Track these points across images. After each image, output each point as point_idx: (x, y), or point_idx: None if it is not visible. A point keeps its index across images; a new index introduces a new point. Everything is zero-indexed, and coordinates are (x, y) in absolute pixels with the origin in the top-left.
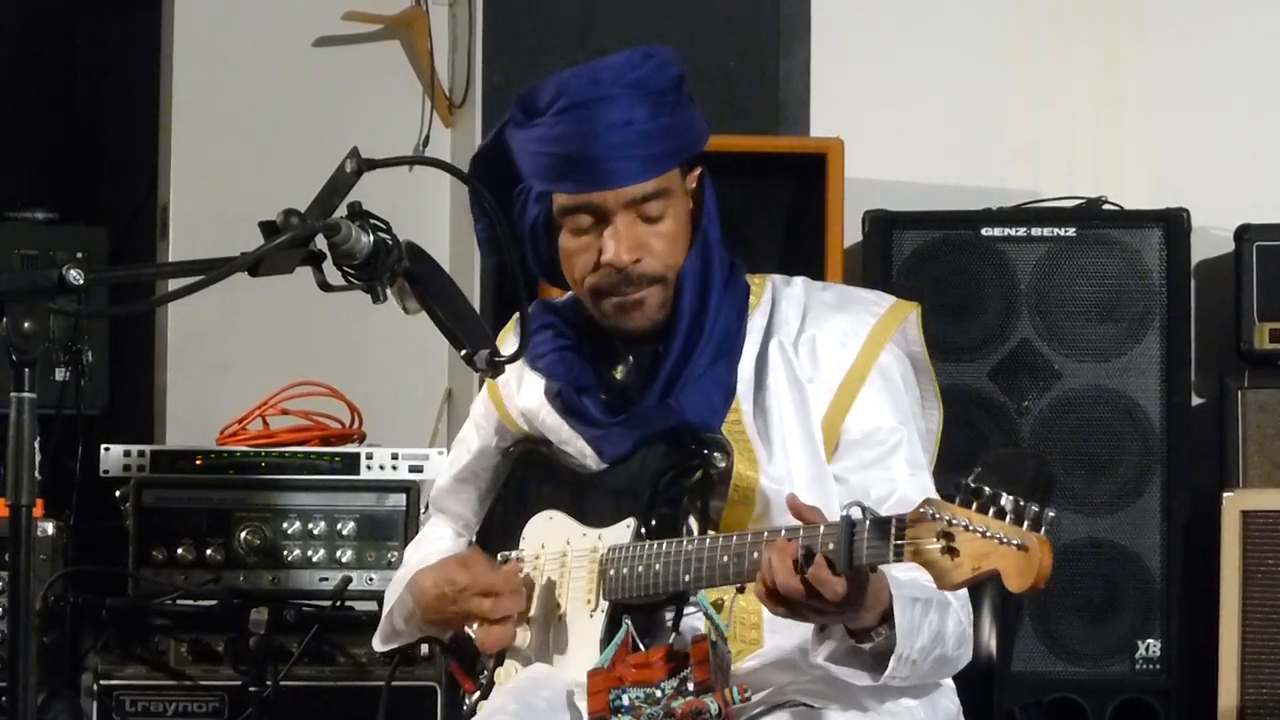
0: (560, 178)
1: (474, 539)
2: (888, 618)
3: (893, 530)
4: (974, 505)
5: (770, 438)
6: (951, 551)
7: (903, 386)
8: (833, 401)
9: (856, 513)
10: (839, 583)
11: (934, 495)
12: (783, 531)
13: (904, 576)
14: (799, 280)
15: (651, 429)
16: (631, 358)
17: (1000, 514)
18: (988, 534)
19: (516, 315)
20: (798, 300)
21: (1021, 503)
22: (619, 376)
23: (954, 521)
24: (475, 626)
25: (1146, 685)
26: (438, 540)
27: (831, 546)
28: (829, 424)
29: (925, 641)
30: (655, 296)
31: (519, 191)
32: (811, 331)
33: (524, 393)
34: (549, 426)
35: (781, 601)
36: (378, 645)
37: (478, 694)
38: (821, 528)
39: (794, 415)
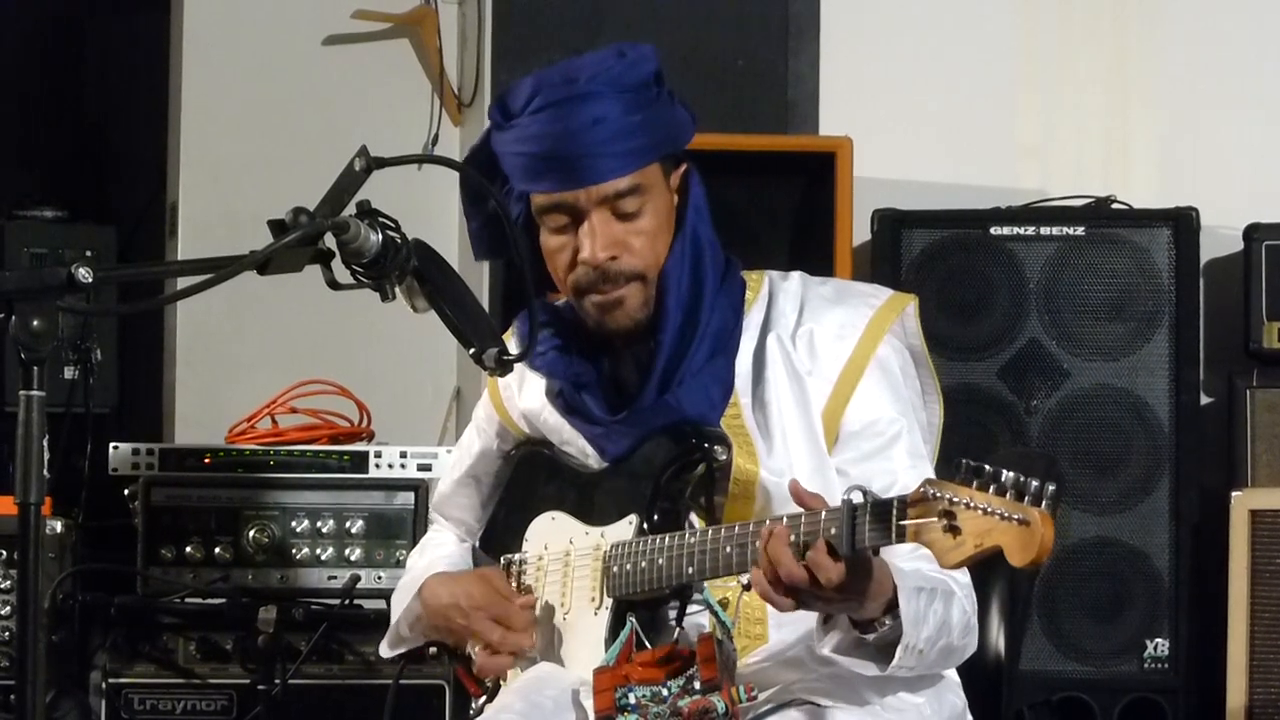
0: (536, 178)
1: (478, 544)
2: (892, 608)
3: (894, 511)
4: (975, 483)
5: (770, 431)
6: (953, 530)
7: (901, 378)
8: (832, 393)
9: (858, 496)
10: (836, 568)
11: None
12: (784, 519)
13: (908, 567)
14: (796, 275)
15: (651, 426)
16: (629, 355)
17: (1001, 491)
18: (989, 510)
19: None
20: (795, 294)
21: (1023, 479)
22: (617, 374)
23: (955, 500)
24: (477, 648)
25: (1155, 684)
26: (441, 546)
27: (834, 531)
28: (829, 416)
29: (931, 631)
30: (636, 295)
31: (505, 192)
32: (809, 325)
33: (525, 394)
34: (550, 427)
35: (784, 591)
36: (384, 652)
37: (484, 698)
38: (823, 513)
39: (794, 408)
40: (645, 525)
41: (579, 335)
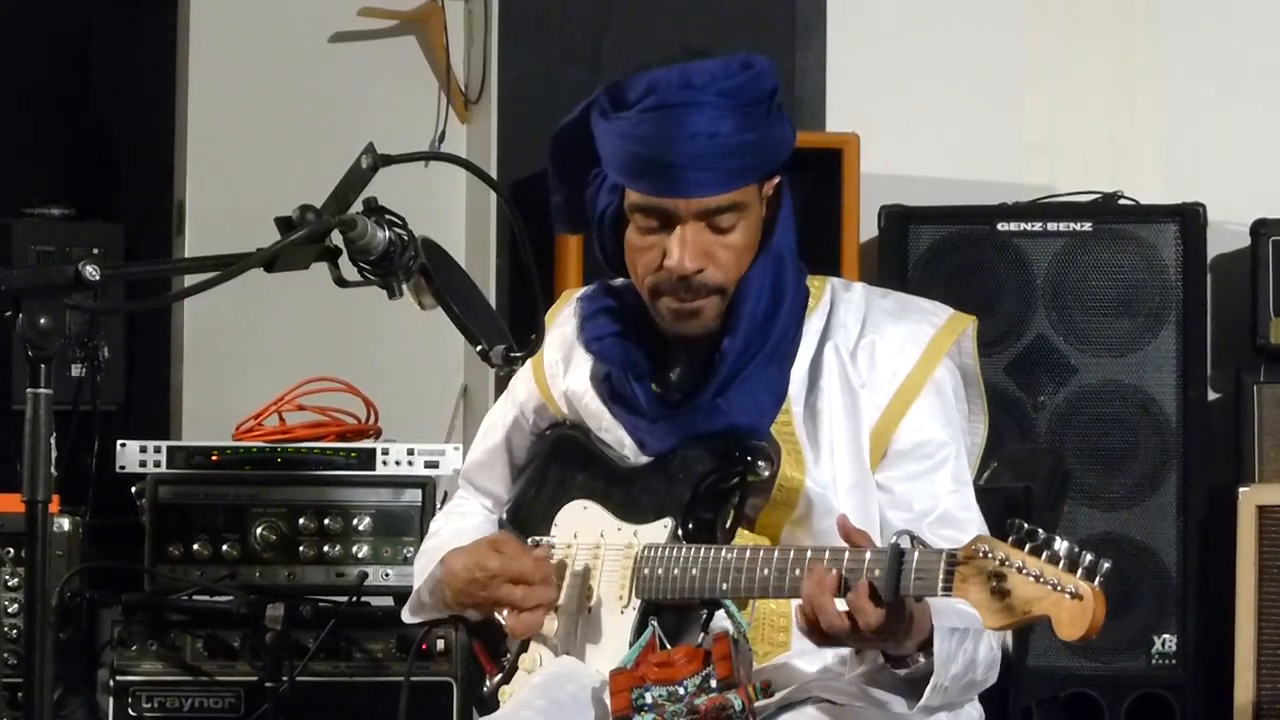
0: (636, 176)
1: (504, 518)
2: (926, 645)
3: (943, 564)
4: (1027, 547)
5: (819, 440)
6: (1001, 592)
7: (954, 401)
8: (885, 410)
9: (905, 542)
10: (876, 614)
11: (976, 510)
12: (827, 553)
13: (941, 602)
14: (859, 286)
15: (697, 428)
16: (686, 354)
17: (1054, 559)
18: (1041, 579)
19: (566, 294)
20: (857, 306)
21: (1077, 550)
22: (672, 372)
23: (1007, 562)
24: (505, 612)
25: (1162, 680)
26: (466, 516)
27: (878, 573)
28: (879, 432)
29: (959, 669)
30: (713, 306)
31: (595, 175)
32: (871, 337)
33: (571, 374)
34: (591, 412)
35: (822, 635)
36: (406, 617)
37: (499, 676)
38: (868, 554)
39: (844, 420)
40: (680, 531)
41: (640, 323)
